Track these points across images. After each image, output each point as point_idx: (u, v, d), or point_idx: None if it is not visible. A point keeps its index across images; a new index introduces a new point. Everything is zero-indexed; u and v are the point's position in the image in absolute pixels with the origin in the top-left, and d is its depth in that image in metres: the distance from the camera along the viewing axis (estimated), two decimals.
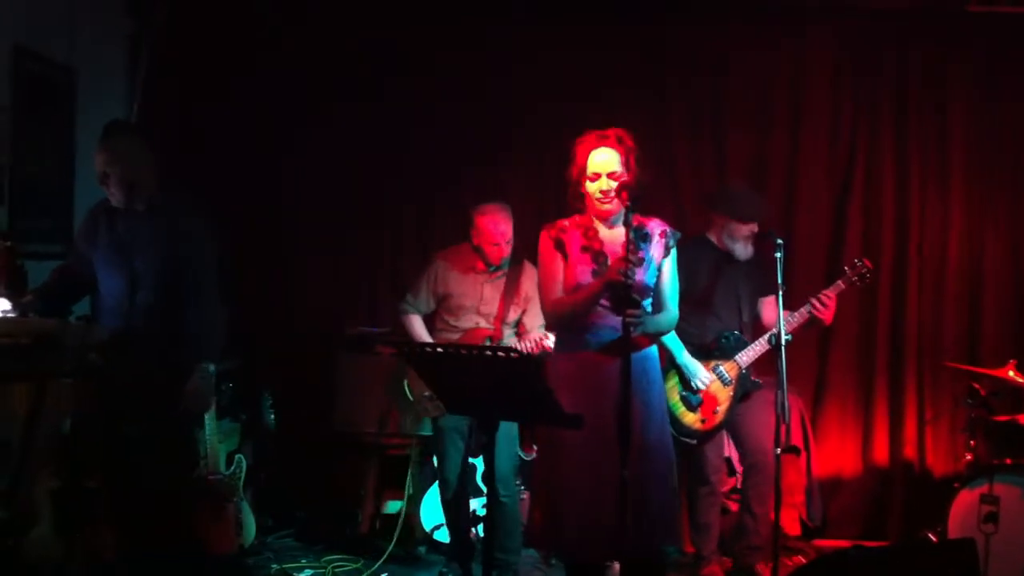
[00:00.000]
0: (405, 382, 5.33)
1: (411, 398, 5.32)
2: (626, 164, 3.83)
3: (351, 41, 6.29)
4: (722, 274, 5.09)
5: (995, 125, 6.06)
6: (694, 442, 5.01)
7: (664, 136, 6.22)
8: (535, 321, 4.98)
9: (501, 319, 5.02)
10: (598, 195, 3.86)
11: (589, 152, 3.87)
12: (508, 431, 4.95)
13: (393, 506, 5.72)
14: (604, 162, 3.84)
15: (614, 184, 3.82)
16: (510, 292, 5.04)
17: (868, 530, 6.00)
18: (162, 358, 4.09)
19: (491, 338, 4.99)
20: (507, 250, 5.00)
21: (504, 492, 4.93)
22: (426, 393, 4.99)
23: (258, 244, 6.25)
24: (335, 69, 6.30)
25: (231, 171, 6.19)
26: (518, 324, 5.10)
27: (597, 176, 3.85)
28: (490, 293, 5.05)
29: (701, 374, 4.94)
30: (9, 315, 3.97)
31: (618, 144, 3.85)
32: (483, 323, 5.03)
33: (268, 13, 6.23)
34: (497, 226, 4.94)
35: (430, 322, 5.18)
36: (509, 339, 5.07)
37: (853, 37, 6.15)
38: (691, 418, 4.98)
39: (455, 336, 5.03)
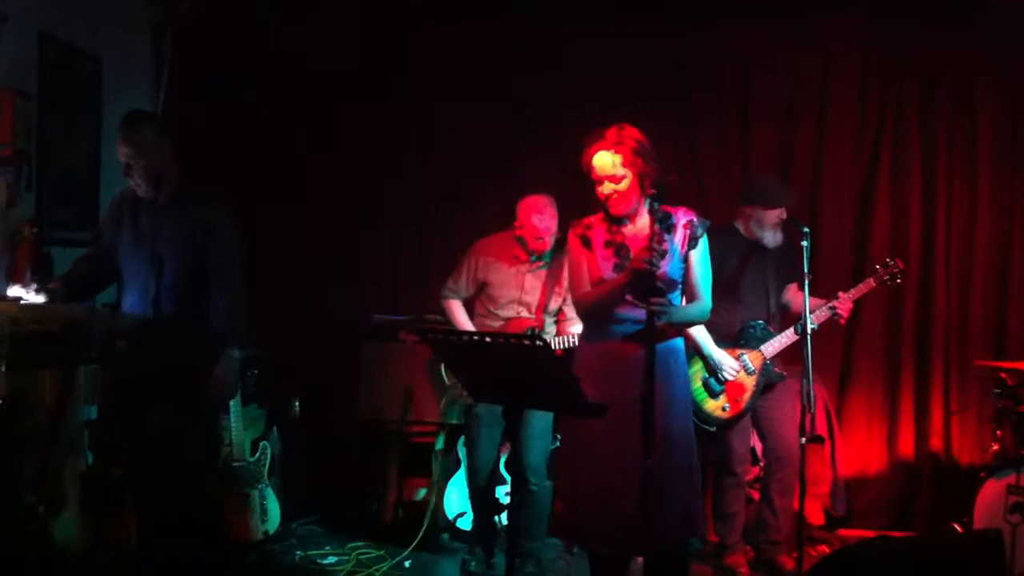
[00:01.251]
0: (442, 367, 5.33)
1: (448, 383, 5.33)
2: (629, 162, 3.79)
3: (366, 40, 6.32)
4: (750, 263, 5.06)
5: (1022, 118, 5.98)
6: (712, 429, 5.00)
7: (690, 130, 6.22)
8: (574, 311, 4.97)
9: (543, 308, 5.01)
10: (604, 198, 3.86)
11: (591, 156, 3.85)
12: (544, 423, 4.95)
13: (421, 494, 5.73)
14: (602, 166, 3.82)
15: (617, 187, 3.81)
16: (552, 282, 5.02)
17: (893, 521, 5.97)
18: (187, 346, 4.10)
19: (533, 328, 4.97)
20: (551, 243, 4.98)
21: (534, 481, 4.93)
22: None
23: (281, 232, 6.27)
24: (349, 67, 6.33)
25: (253, 163, 6.21)
26: (559, 312, 5.10)
27: (600, 181, 3.84)
28: (531, 283, 5.04)
29: (728, 365, 4.91)
30: (37, 302, 3.99)
31: (616, 144, 3.80)
32: (524, 313, 5.02)
33: (280, 11, 6.25)
34: (542, 220, 4.91)
35: (470, 307, 5.17)
36: (551, 327, 5.07)
37: (881, 31, 6.08)
38: (712, 405, 4.96)
39: (496, 324, 5.01)
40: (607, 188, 3.83)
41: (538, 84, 6.23)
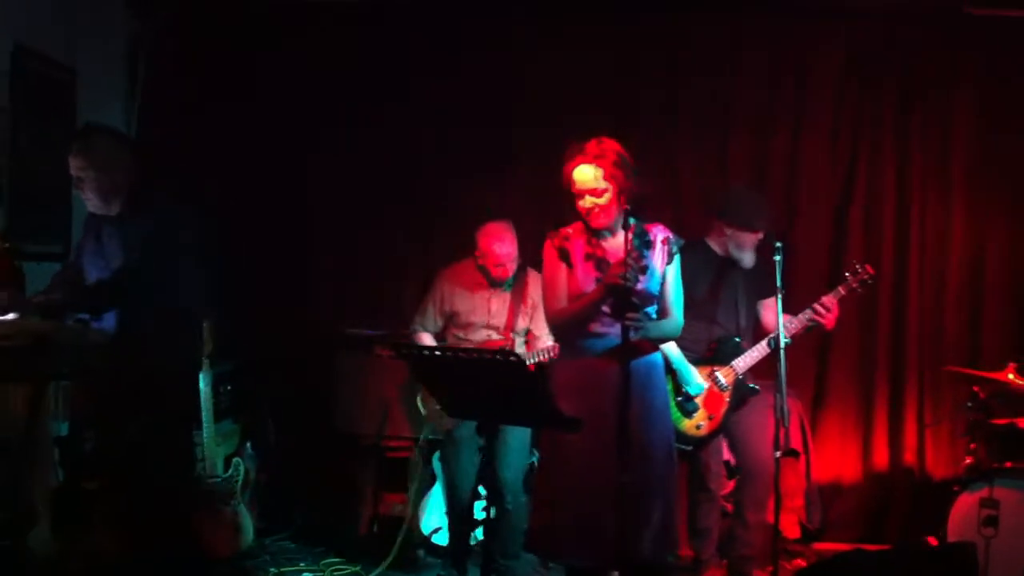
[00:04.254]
0: (419, 397, 5.28)
1: (424, 412, 5.26)
2: (610, 175, 3.80)
3: (355, 43, 6.29)
4: (721, 279, 5.05)
5: (997, 129, 6.03)
6: (690, 448, 4.99)
7: (668, 137, 6.24)
8: (543, 328, 4.95)
9: (511, 328, 5.02)
10: (585, 212, 3.87)
11: (572, 169, 3.85)
12: (521, 440, 4.95)
13: (396, 509, 5.69)
14: (584, 180, 3.82)
15: (598, 201, 3.82)
16: (517, 301, 5.03)
17: (868, 534, 5.98)
18: (154, 358, 4.07)
19: (504, 348, 4.95)
20: (512, 269, 5.00)
21: (510, 499, 4.93)
22: (438, 406, 4.96)
23: (261, 245, 6.22)
24: (340, 70, 6.31)
25: (233, 172, 6.18)
26: (527, 332, 5.10)
27: (581, 194, 3.85)
28: (497, 306, 5.05)
29: (696, 380, 4.92)
30: (8, 318, 3.95)
31: (596, 158, 3.80)
32: (494, 335, 5.03)
33: (269, 14, 6.22)
34: (502, 247, 4.93)
35: (440, 339, 5.18)
36: (519, 348, 5.06)
37: (857, 40, 6.14)
38: (687, 424, 4.95)
39: None
40: (588, 202, 3.83)
41: (527, 91, 6.24)
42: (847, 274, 5.05)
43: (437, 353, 3.51)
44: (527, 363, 4.85)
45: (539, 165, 6.01)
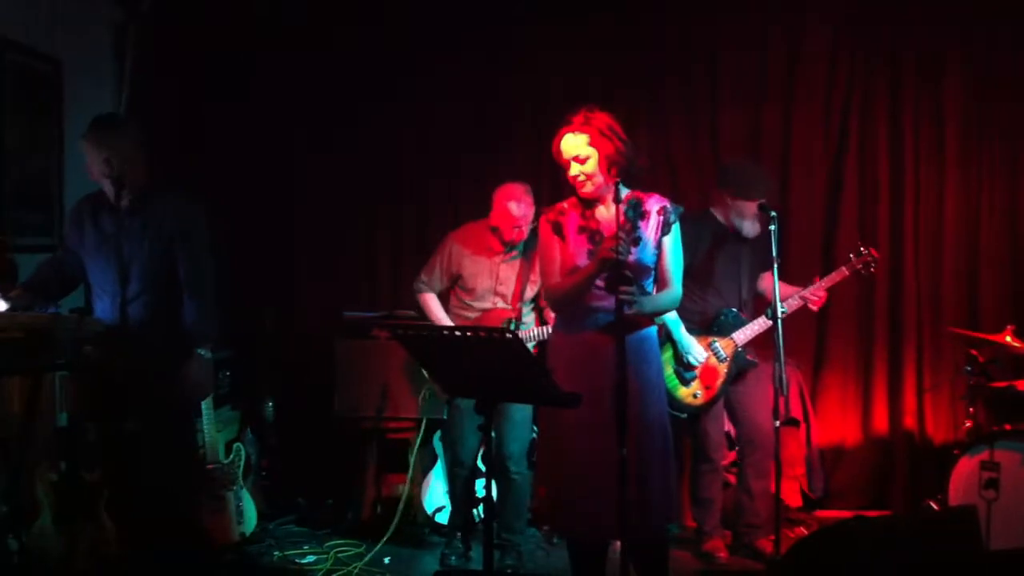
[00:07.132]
0: None
1: (430, 379, 5.27)
2: (596, 142, 3.78)
3: (353, 43, 6.29)
4: (725, 250, 5.06)
5: (990, 95, 6.00)
6: (684, 416, 4.99)
7: (659, 112, 6.24)
8: None
9: (518, 298, 4.98)
10: (573, 181, 3.86)
11: (559, 141, 3.85)
12: (524, 413, 4.95)
13: (398, 490, 5.70)
14: (570, 147, 3.82)
15: (583, 168, 3.80)
16: (526, 270, 4.99)
17: (870, 500, 5.99)
18: (157, 349, 4.07)
19: (511, 319, 4.95)
20: (527, 232, 4.94)
21: (515, 470, 4.94)
22: None
23: (257, 233, 6.25)
24: (339, 69, 6.30)
25: (228, 160, 6.18)
26: (537, 300, 5.06)
27: (568, 163, 3.84)
28: (506, 273, 5.01)
29: (696, 351, 4.92)
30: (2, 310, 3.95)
31: (584, 125, 3.80)
32: (501, 303, 4.99)
33: (259, 3, 6.21)
34: (519, 208, 4.87)
35: (446, 300, 5.15)
36: (528, 316, 5.04)
37: (848, 13, 6.11)
38: (683, 392, 4.96)
39: (472, 316, 4.99)
40: (574, 169, 3.83)
41: (515, 81, 6.25)
42: (851, 255, 5.05)
43: (433, 332, 3.49)
44: (537, 339, 4.88)
45: (536, 164, 6.01)
